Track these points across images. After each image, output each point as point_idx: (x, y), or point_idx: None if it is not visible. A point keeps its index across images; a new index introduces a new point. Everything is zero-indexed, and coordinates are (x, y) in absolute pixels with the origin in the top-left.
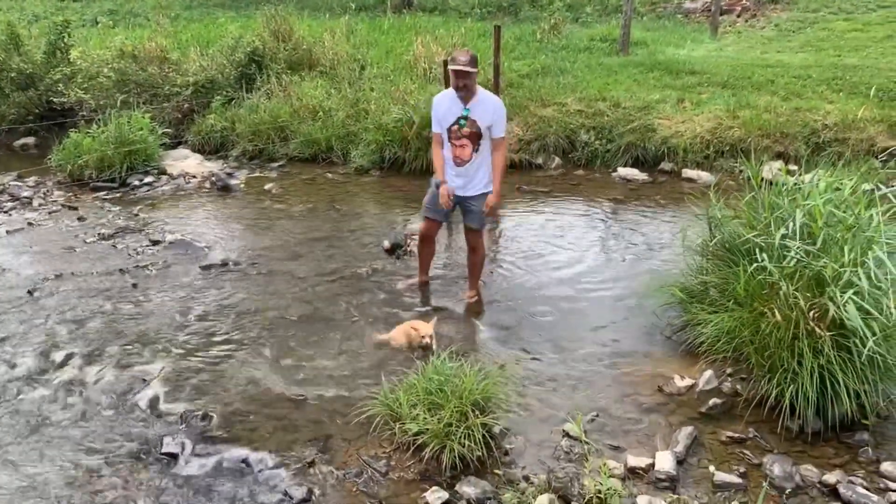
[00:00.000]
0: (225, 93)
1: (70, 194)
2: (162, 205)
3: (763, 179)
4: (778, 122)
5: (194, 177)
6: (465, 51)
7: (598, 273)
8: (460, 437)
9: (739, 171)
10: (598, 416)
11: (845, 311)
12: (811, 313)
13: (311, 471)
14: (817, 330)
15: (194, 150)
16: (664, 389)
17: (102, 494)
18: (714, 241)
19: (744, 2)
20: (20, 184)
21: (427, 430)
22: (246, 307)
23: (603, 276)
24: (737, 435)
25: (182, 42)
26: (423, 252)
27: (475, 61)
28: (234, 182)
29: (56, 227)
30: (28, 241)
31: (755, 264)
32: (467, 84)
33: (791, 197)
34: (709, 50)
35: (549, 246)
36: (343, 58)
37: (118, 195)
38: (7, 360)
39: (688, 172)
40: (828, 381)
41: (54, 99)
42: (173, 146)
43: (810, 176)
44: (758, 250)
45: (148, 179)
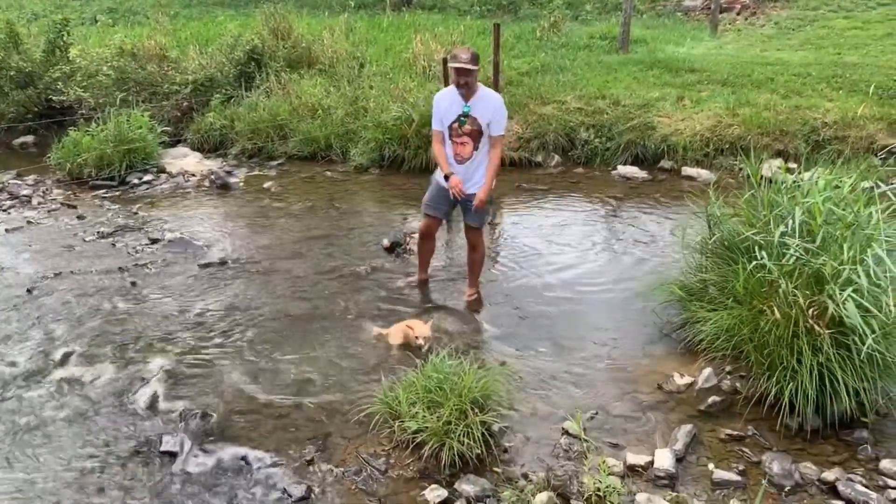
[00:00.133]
0: (224, 91)
1: (69, 193)
2: (161, 203)
3: (762, 177)
4: (777, 119)
5: (193, 175)
6: (465, 48)
7: (597, 271)
8: (459, 435)
9: (739, 168)
10: (597, 413)
11: (844, 308)
12: (810, 311)
13: (310, 469)
14: (816, 328)
15: (193, 149)
16: (663, 387)
17: (101, 493)
18: (713, 238)
19: None
20: (19, 182)
21: (426, 428)
22: (245, 305)
23: (602, 275)
24: (736, 433)
25: (181, 40)
26: (423, 250)
27: (476, 59)
28: (233, 180)
29: (55, 225)
30: (27, 239)
31: (754, 262)
32: (468, 81)
33: (790, 195)
34: (708, 48)
35: (549, 244)
36: (342, 56)
37: (117, 193)
38: (6, 358)
39: (687, 170)
40: (827, 379)
41: (53, 97)
42: (172, 144)
43: (810, 174)
44: (757, 248)
45: (147, 178)
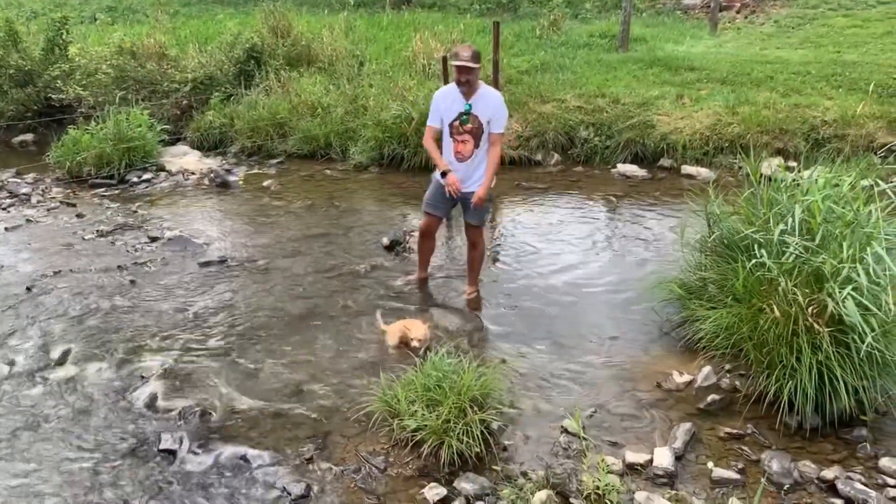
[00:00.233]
0: (224, 89)
1: (69, 191)
2: (160, 201)
3: (762, 176)
4: (777, 118)
5: (193, 173)
6: (467, 46)
7: (596, 269)
8: (459, 433)
9: (738, 167)
10: (596, 412)
11: (844, 306)
12: (810, 309)
13: (309, 467)
14: (816, 326)
15: (193, 147)
16: (663, 385)
17: (100, 491)
18: (713, 237)
19: None
20: (19, 180)
21: (425, 426)
22: (244, 304)
23: (602, 273)
24: (735, 431)
25: (181, 38)
26: (423, 248)
27: (477, 57)
28: (232, 179)
29: (54, 223)
30: (26, 237)
31: (754, 260)
32: (470, 79)
33: (790, 193)
34: (708, 46)
35: (548, 242)
36: (342, 54)
37: (117, 192)
38: (5, 356)
39: (687, 169)
40: (826, 378)
41: (53, 96)
42: (172, 143)
43: (809, 172)
44: (756, 246)
45: (146, 176)
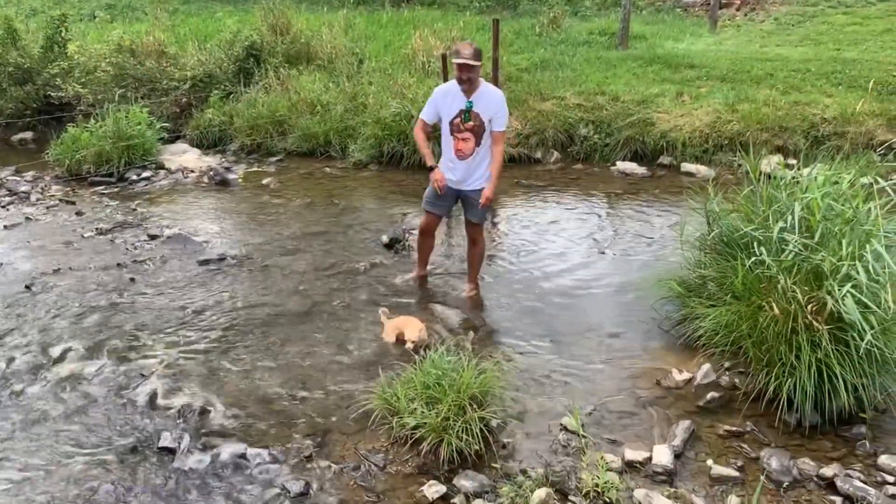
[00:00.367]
0: (223, 87)
1: (68, 189)
2: (160, 199)
3: (762, 173)
4: (777, 115)
5: (192, 171)
6: (468, 43)
7: (596, 267)
8: (458, 430)
9: (738, 164)
10: (595, 409)
11: (843, 304)
12: (809, 307)
13: (308, 465)
14: (815, 323)
15: (192, 145)
16: (662, 383)
17: (99, 489)
18: (712, 234)
19: None
20: (18, 178)
21: (425, 424)
22: (243, 302)
23: (601, 270)
24: (734, 428)
25: (180, 36)
26: (423, 246)
27: (479, 54)
28: (232, 176)
29: (54, 221)
30: (26, 235)
31: (753, 258)
32: (471, 77)
33: (789, 190)
34: (708, 44)
35: (548, 240)
36: (341, 51)
37: (116, 190)
38: (5, 355)
39: (686, 166)
40: (825, 375)
41: (52, 93)
42: (171, 141)
43: (809, 169)
44: (756, 244)
45: (146, 174)
